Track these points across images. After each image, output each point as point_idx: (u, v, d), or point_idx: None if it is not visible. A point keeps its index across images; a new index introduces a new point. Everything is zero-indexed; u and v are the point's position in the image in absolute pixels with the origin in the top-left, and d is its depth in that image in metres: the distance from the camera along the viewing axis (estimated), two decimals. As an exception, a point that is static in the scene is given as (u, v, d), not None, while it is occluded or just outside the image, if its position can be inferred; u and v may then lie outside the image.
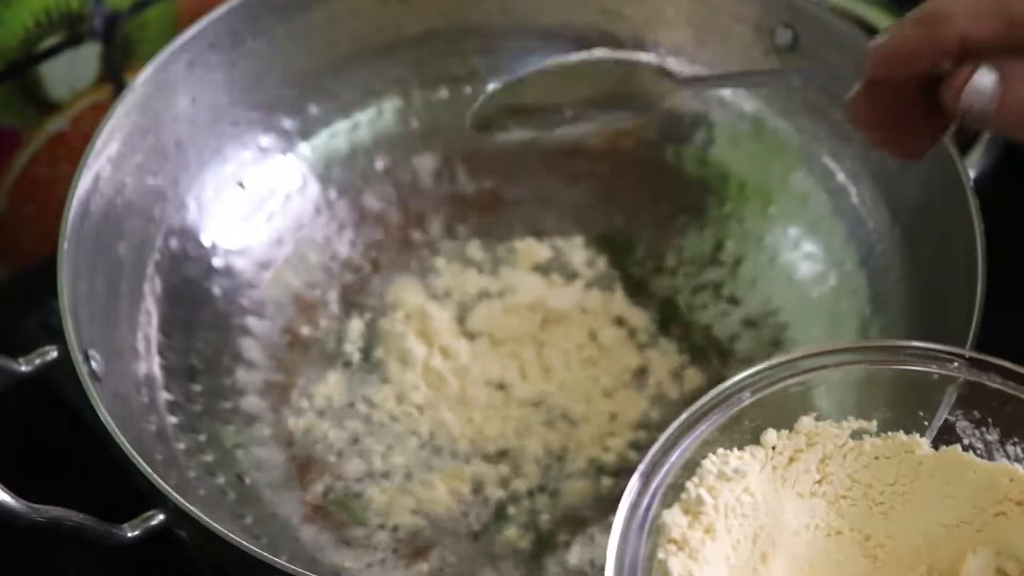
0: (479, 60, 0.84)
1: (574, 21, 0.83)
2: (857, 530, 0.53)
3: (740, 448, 0.53)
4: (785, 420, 0.54)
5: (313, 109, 0.82)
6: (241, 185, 0.81)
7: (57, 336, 0.66)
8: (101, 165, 0.72)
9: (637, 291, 0.79)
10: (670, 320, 0.78)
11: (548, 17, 0.83)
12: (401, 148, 0.84)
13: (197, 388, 0.75)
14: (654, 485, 0.52)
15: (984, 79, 0.54)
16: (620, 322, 0.78)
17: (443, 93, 0.84)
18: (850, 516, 0.53)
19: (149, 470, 0.62)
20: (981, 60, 0.54)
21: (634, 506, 0.51)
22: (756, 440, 0.53)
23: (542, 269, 0.80)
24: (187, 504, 0.61)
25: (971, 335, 0.63)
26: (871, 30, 0.87)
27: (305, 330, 0.78)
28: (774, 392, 0.54)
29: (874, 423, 0.54)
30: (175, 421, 0.73)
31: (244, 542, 0.60)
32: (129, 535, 0.63)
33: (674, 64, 0.82)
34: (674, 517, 0.51)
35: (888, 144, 0.59)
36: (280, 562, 0.60)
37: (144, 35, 0.83)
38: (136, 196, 0.75)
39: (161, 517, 0.63)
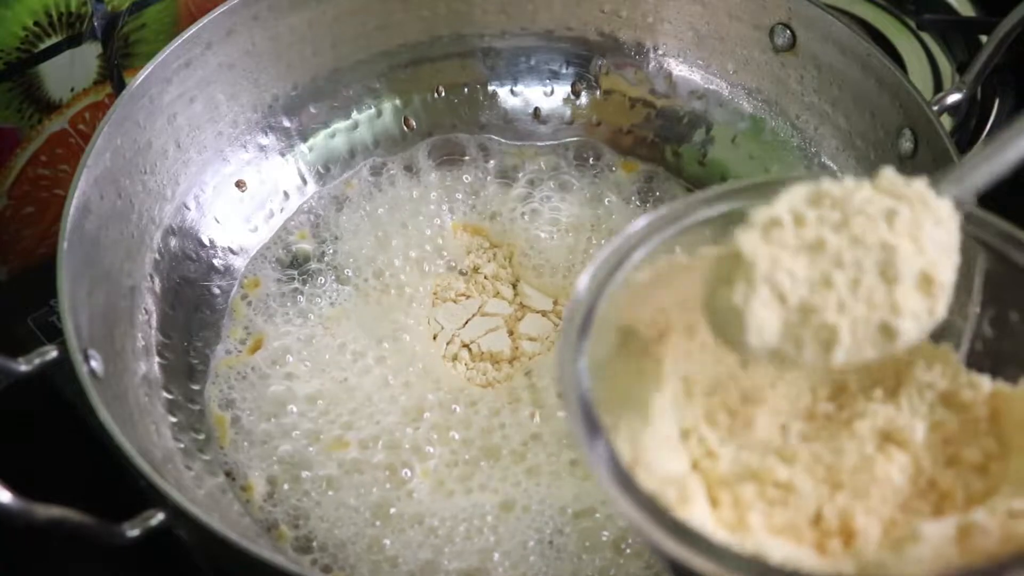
0: (478, 61, 0.84)
1: (573, 22, 0.83)
2: None
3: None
4: None
5: (312, 109, 0.83)
6: (240, 185, 0.81)
7: (57, 336, 0.66)
8: (100, 165, 0.72)
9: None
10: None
11: (547, 19, 0.83)
12: (400, 148, 0.84)
13: (196, 387, 0.75)
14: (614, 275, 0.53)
15: None
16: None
17: (442, 93, 0.84)
18: None
19: (149, 469, 0.62)
20: None
21: (588, 295, 0.52)
22: None
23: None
24: (187, 503, 0.61)
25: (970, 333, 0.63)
26: (869, 29, 0.87)
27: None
28: (731, 210, 0.55)
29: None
30: (174, 420, 0.73)
31: (243, 541, 0.60)
32: (129, 535, 0.63)
33: (674, 65, 0.83)
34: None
35: None
36: (280, 561, 0.60)
37: (143, 35, 0.83)
38: (135, 196, 0.75)
39: (161, 517, 0.63)
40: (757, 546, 0.49)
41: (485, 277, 0.79)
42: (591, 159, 0.84)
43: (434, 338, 0.77)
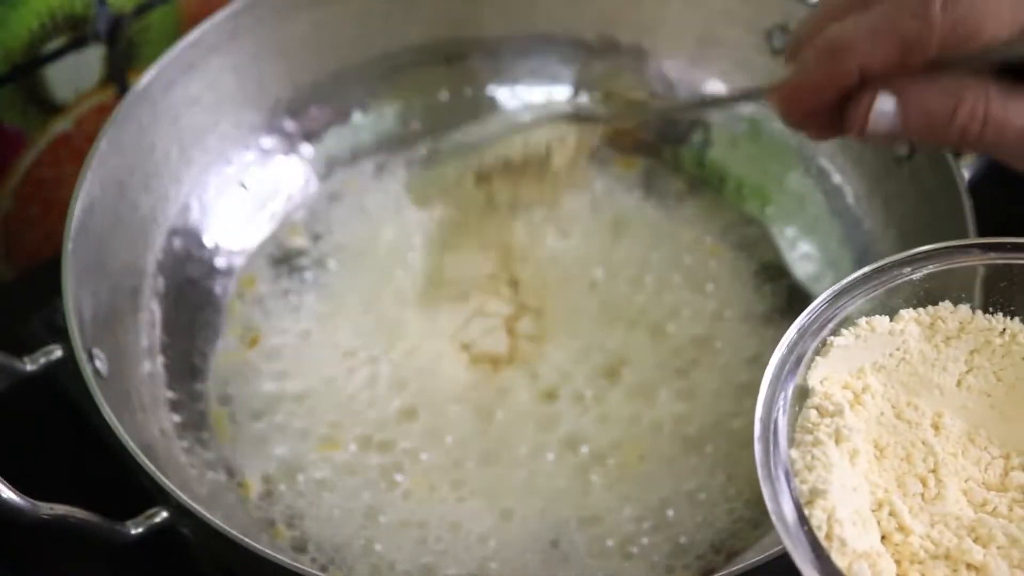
0: (479, 63, 0.84)
1: (572, 25, 0.83)
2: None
3: (892, 319, 0.54)
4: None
5: (315, 110, 0.83)
6: (243, 186, 0.81)
7: (61, 335, 0.67)
8: (105, 166, 0.73)
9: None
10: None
11: (546, 21, 0.83)
12: (401, 149, 0.84)
13: (199, 386, 0.75)
14: (809, 341, 0.52)
15: (885, 104, 0.57)
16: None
17: (443, 96, 0.84)
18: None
19: (152, 468, 0.62)
20: (879, 84, 0.57)
21: (785, 360, 0.52)
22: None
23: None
24: (190, 502, 0.62)
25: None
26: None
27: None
28: (933, 273, 0.54)
29: (1017, 321, 0.55)
30: (178, 419, 0.73)
31: (247, 539, 0.61)
32: (133, 533, 0.63)
33: (673, 67, 0.83)
34: (823, 374, 0.52)
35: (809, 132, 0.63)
36: (283, 559, 0.60)
37: (147, 37, 0.83)
38: (139, 197, 0.76)
39: (164, 515, 0.63)
40: None
41: (484, 276, 0.79)
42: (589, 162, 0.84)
43: (431, 337, 0.77)
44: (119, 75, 0.84)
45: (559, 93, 0.85)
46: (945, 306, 0.54)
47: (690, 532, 0.69)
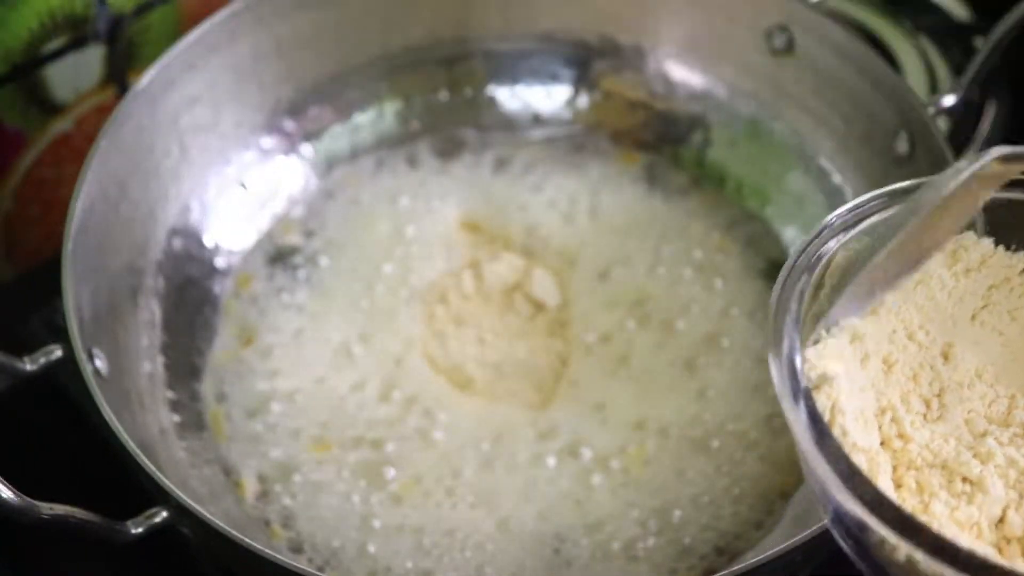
0: (479, 63, 0.84)
1: (572, 25, 0.83)
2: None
3: None
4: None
5: (315, 110, 0.83)
6: (243, 186, 0.81)
7: (61, 335, 0.67)
8: (105, 166, 0.73)
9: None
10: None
11: (547, 21, 0.83)
12: (401, 149, 0.84)
13: (198, 386, 0.75)
14: (832, 241, 0.52)
15: None
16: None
17: (444, 95, 0.85)
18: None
19: (152, 468, 0.62)
20: None
21: (809, 249, 0.52)
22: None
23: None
24: (190, 501, 0.62)
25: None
26: (867, 34, 0.88)
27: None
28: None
29: None
30: (178, 419, 0.73)
31: (247, 539, 0.61)
32: (133, 532, 0.63)
33: (673, 67, 0.83)
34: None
35: None
36: (283, 559, 0.60)
37: (147, 37, 0.84)
38: (139, 197, 0.76)
39: (164, 515, 0.63)
40: (939, 531, 0.48)
41: (483, 275, 0.79)
42: (591, 158, 0.84)
43: (427, 338, 0.77)
44: (119, 75, 0.84)
45: (559, 93, 0.85)
46: (968, 236, 0.54)
47: (694, 534, 0.69)
